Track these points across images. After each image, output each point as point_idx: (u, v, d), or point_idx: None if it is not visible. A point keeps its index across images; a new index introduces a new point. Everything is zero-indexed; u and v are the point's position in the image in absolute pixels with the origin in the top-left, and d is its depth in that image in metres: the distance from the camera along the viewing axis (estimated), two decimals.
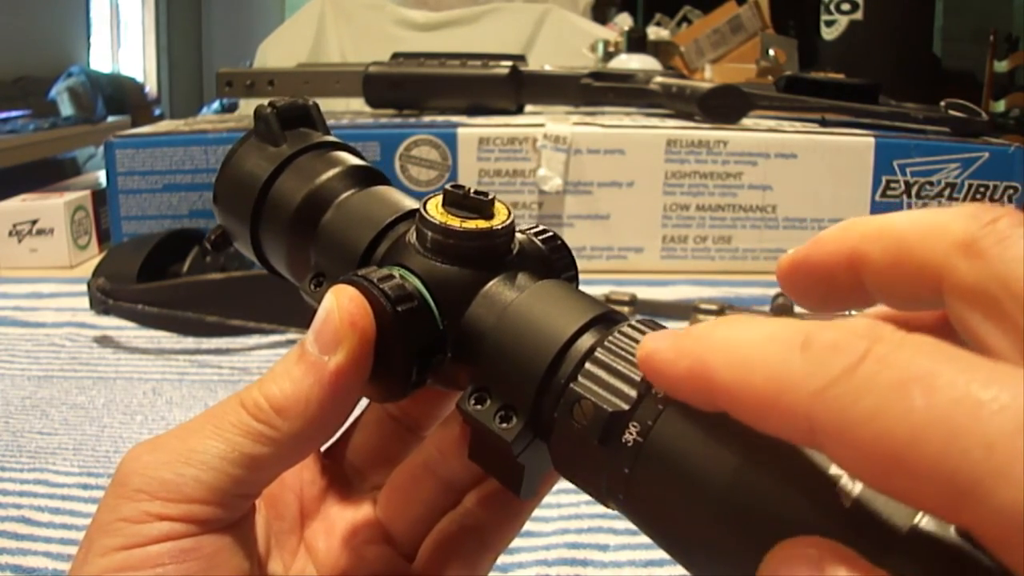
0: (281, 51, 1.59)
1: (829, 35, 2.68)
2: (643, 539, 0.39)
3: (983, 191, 0.77)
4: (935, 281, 0.15)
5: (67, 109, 3.68)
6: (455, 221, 0.21)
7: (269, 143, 0.26)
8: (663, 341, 0.16)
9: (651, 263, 0.80)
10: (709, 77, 1.52)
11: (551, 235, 0.23)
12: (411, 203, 0.24)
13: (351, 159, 0.26)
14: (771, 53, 1.54)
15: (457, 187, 0.22)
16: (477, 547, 0.24)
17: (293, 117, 0.26)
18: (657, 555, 0.38)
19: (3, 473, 0.45)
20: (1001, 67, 2.93)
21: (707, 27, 1.71)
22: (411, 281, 0.21)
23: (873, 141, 0.77)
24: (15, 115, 3.31)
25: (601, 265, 0.80)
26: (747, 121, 0.82)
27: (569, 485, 0.24)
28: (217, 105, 2.92)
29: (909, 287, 0.16)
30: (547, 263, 0.23)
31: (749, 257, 0.80)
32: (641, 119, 0.84)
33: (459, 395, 0.24)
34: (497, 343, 0.20)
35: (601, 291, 0.65)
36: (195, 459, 0.20)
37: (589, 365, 0.19)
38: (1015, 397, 0.12)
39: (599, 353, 0.19)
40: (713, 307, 0.58)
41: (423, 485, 0.24)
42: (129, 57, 4.77)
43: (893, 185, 0.78)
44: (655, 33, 1.54)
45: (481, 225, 0.21)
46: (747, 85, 0.87)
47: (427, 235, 0.22)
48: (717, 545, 0.17)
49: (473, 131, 0.79)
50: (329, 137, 0.27)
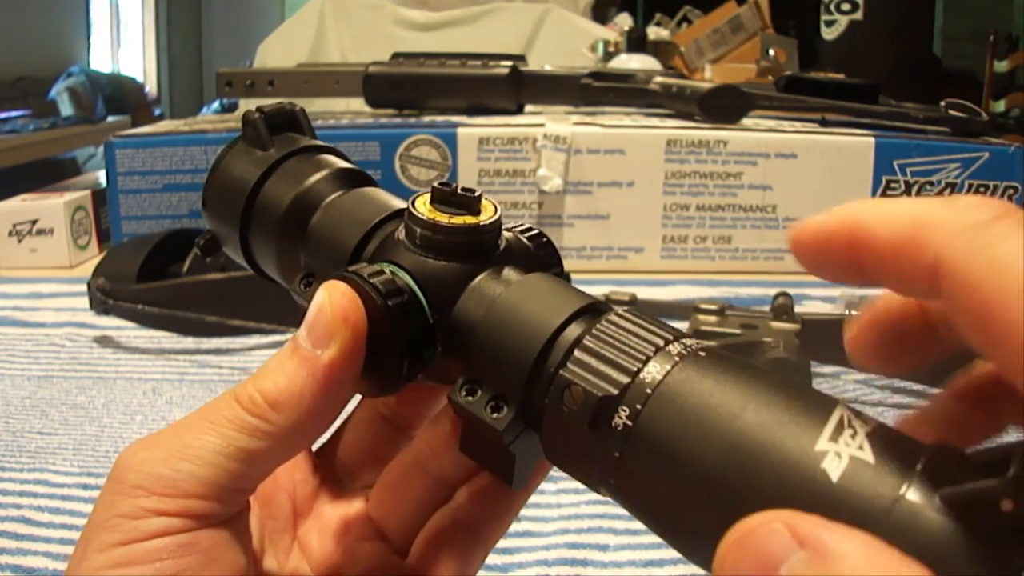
0: (281, 51, 1.59)
1: (829, 35, 2.68)
2: (643, 539, 0.39)
3: (983, 191, 0.77)
4: (932, 264, 0.16)
5: (67, 109, 3.68)
6: (443, 217, 0.22)
7: (257, 147, 0.26)
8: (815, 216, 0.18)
9: (651, 263, 0.80)
10: (709, 77, 1.52)
11: (537, 232, 0.24)
12: (398, 203, 0.25)
13: (338, 162, 0.26)
14: (771, 53, 1.54)
15: (444, 184, 0.22)
16: (469, 541, 0.24)
17: (280, 122, 0.27)
18: (657, 555, 0.38)
19: (3, 473, 0.45)
20: (1001, 67, 2.93)
21: (707, 27, 1.71)
22: (401, 276, 0.22)
23: (873, 141, 0.77)
24: (15, 115, 3.31)
25: (601, 265, 0.80)
26: (747, 121, 0.82)
27: (569, 485, 0.24)
28: (217, 105, 2.92)
29: (908, 269, 0.16)
30: (533, 260, 0.23)
31: (749, 257, 0.80)
32: (641, 119, 0.84)
33: (448, 392, 0.24)
34: (486, 335, 0.21)
35: (601, 291, 0.65)
36: (191, 454, 0.20)
37: (578, 352, 0.19)
38: None
39: (587, 341, 0.19)
40: (713, 307, 0.58)
41: (414, 482, 0.25)
42: (129, 57, 4.77)
43: (893, 185, 0.78)
44: (655, 33, 1.54)
45: (469, 221, 0.22)
46: (747, 85, 0.87)
47: (416, 231, 0.22)
48: (707, 526, 0.17)
49: (473, 131, 0.79)
50: (316, 141, 0.27)
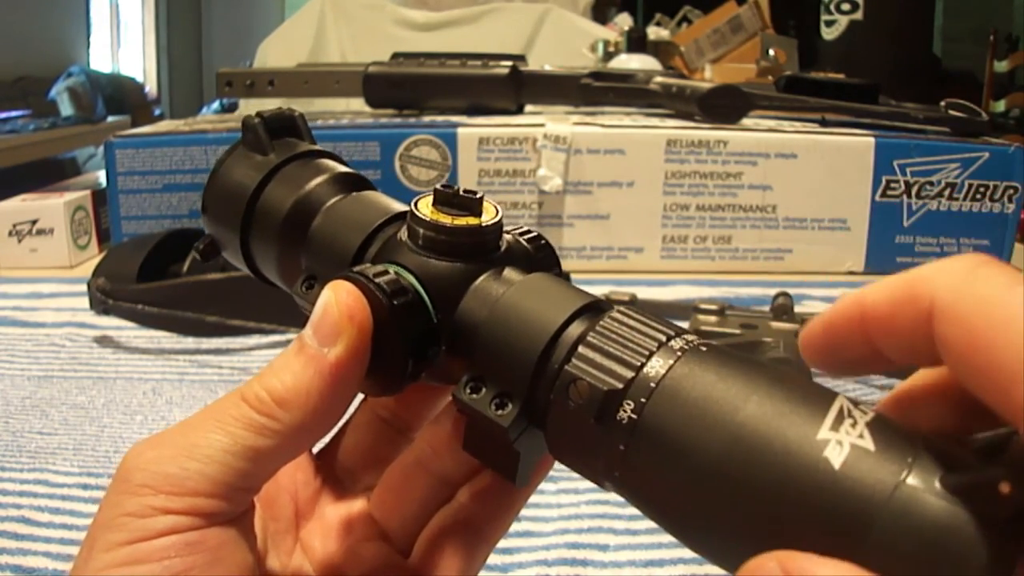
0: (281, 51, 1.59)
1: (829, 35, 2.68)
2: (643, 539, 0.39)
3: (983, 191, 0.77)
4: (929, 312, 0.16)
5: (67, 109, 3.68)
6: (446, 218, 0.22)
7: (257, 152, 0.26)
8: None
9: (651, 263, 0.80)
10: (709, 77, 1.52)
11: (536, 235, 0.24)
12: (399, 206, 0.25)
13: (337, 166, 0.27)
14: (771, 53, 1.54)
15: (447, 186, 0.22)
16: (472, 540, 0.24)
17: (279, 127, 0.27)
18: (657, 555, 0.38)
19: (3, 473, 0.45)
20: (1001, 67, 2.93)
21: (707, 27, 1.71)
22: (405, 276, 0.22)
23: (873, 141, 0.77)
24: (15, 115, 3.31)
25: (601, 265, 0.80)
26: (747, 121, 0.82)
27: (569, 485, 0.24)
28: (217, 105, 2.92)
29: (910, 324, 0.17)
30: (533, 261, 0.24)
31: (749, 257, 0.80)
32: (641, 119, 0.84)
33: (448, 394, 0.24)
34: (490, 334, 0.21)
35: (601, 291, 0.65)
36: (198, 453, 0.20)
37: (582, 349, 0.20)
38: None
39: (591, 337, 0.20)
40: (713, 307, 0.58)
41: (416, 482, 0.25)
42: (129, 57, 4.77)
43: (893, 185, 0.78)
44: (655, 33, 1.54)
45: (471, 222, 0.22)
46: (747, 85, 0.87)
47: (419, 232, 0.22)
48: (711, 517, 0.17)
49: (473, 131, 0.79)
50: (314, 146, 0.27)
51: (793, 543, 0.16)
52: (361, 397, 0.24)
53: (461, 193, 0.22)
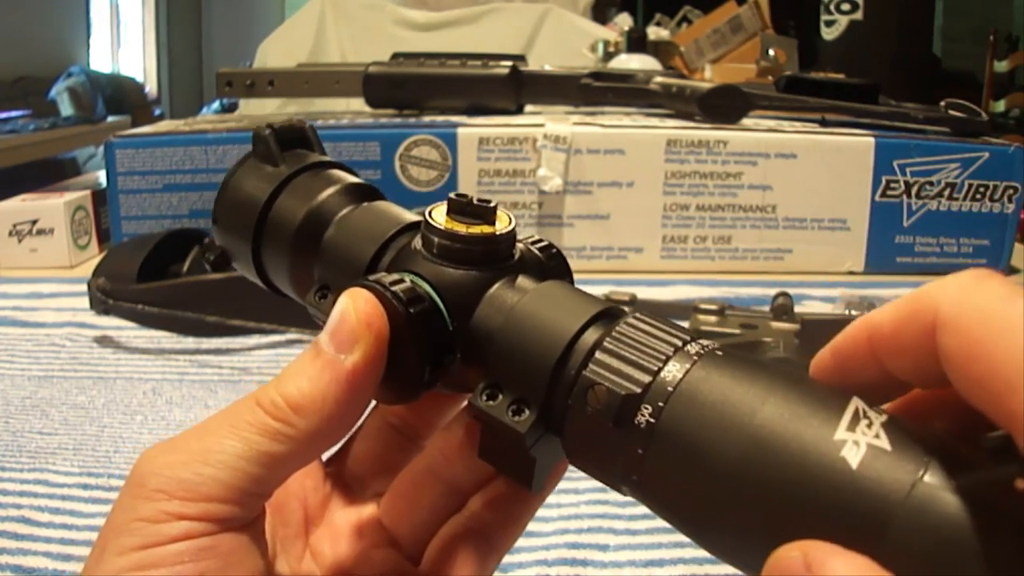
0: (281, 51, 1.59)
1: (829, 35, 2.68)
2: (643, 539, 0.39)
3: (983, 191, 0.77)
4: (932, 327, 0.17)
5: (67, 109, 3.67)
6: (460, 227, 0.22)
7: (268, 163, 0.27)
8: None
9: (651, 263, 0.80)
10: (709, 77, 1.52)
11: (547, 244, 0.24)
12: (410, 216, 0.25)
13: (347, 177, 0.27)
14: (771, 53, 1.54)
15: (461, 195, 0.23)
16: (484, 548, 0.24)
17: (290, 139, 0.27)
18: (657, 555, 0.38)
19: (3, 473, 0.45)
20: (1001, 67, 2.93)
21: (707, 27, 1.71)
22: (421, 285, 0.22)
23: (873, 141, 0.77)
24: (15, 115, 3.31)
25: (601, 265, 0.80)
26: (747, 121, 0.82)
27: (569, 485, 0.24)
28: (217, 105, 2.92)
29: (912, 341, 0.17)
30: (545, 270, 0.24)
31: (749, 257, 0.80)
32: (641, 119, 0.84)
33: (460, 402, 0.25)
34: (506, 341, 0.21)
35: (601, 291, 0.65)
36: (213, 458, 0.20)
37: (599, 354, 0.20)
38: None
39: (608, 343, 0.20)
40: (713, 307, 0.58)
41: (427, 489, 0.25)
42: (129, 57, 4.77)
43: (893, 185, 0.78)
44: (655, 33, 1.54)
45: (485, 230, 0.22)
46: (747, 85, 0.87)
47: (433, 241, 0.23)
48: (729, 518, 0.17)
49: (473, 131, 0.79)
50: (324, 157, 0.28)
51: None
52: (372, 404, 0.24)
53: (475, 202, 0.22)
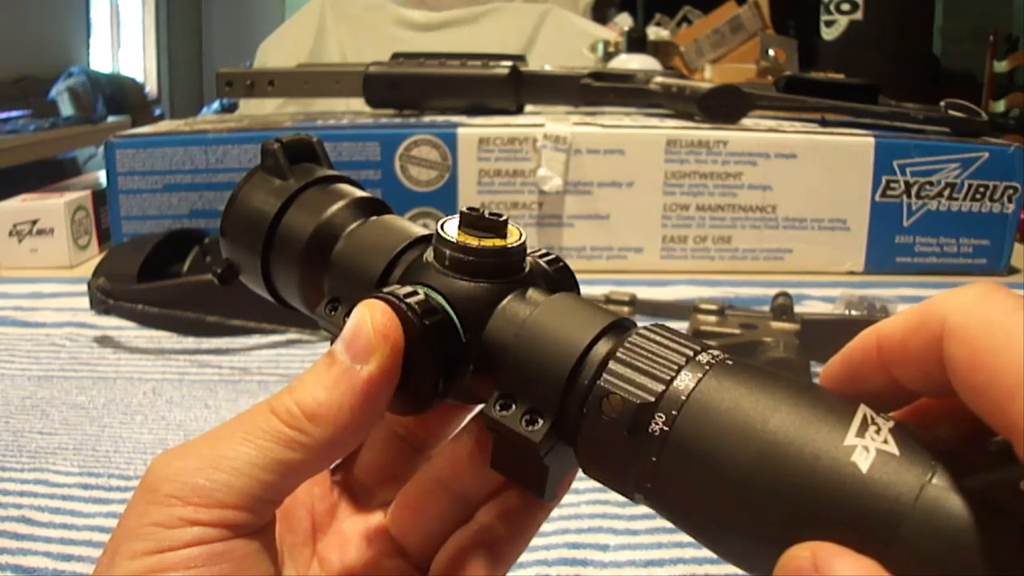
0: (281, 51, 1.59)
1: (829, 35, 2.68)
2: (643, 539, 0.39)
3: (983, 191, 0.77)
4: (939, 336, 0.17)
5: (67, 109, 3.67)
6: (472, 240, 0.23)
7: (277, 177, 0.27)
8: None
9: (651, 263, 0.80)
10: (709, 77, 1.52)
11: (554, 257, 0.25)
12: (419, 230, 0.25)
13: (355, 191, 0.27)
14: (771, 53, 1.54)
15: (472, 209, 0.23)
16: (491, 559, 0.24)
17: (298, 152, 0.27)
18: (657, 555, 0.38)
19: (3, 473, 0.45)
20: (1001, 67, 2.93)
21: (707, 27, 1.71)
22: (434, 297, 0.22)
23: (873, 141, 0.77)
24: (15, 115, 3.31)
25: (601, 265, 0.80)
26: (747, 121, 0.82)
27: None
28: (217, 105, 2.92)
29: (920, 349, 0.18)
30: (553, 283, 0.24)
31: (749, 257, 0.80)
32: (641, 119, 0.84)
33: (466, 413, 0.25)
34: (519, 352, 0.22)
35: (601, 291, 0.65)
36: (226, 465, 0.20)
37: (613, 364, 0.20)
38: None
39: (621, 353, 0.20)
40: (713, 307, 0.58)
41: (435, 500, 0.25)
42: (129, 57, 4.76)
43: (893, 185, 0.78)
44: (655, 33, 1.54)
45: (497, 243, 0.23)
46: (747, 85, 0.87)
47: (445, 253, 0.23)
48: (742, 524, 0.18)
49: (473, 131, 0.79)
50: (331, 171, 0.28)
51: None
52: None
53: (487, 215, 0.23)
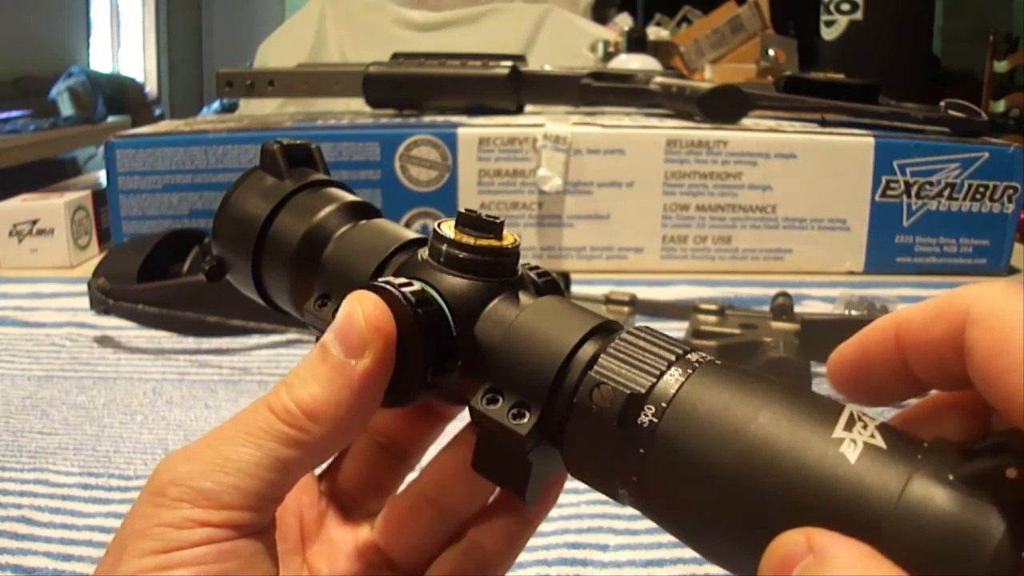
0: (281, 51, 1.59)
1: (829, 35, 2.68)
2: (643, 539, 0.39)
3: (983, 191, 0.77)
4: (962, 324, 0.18)
5: (67, 109, 3.67)
6: (469, 238, 0.23)
7: (275, 176, 0.27)
8: None
9: (651, 263, 0.80)
10: (709, 77, 1.52)
11: (543, 271, 0.25)
12: (410, 234, 0.26)
13: (346, 195, 0.27)
14: (771, 53, 1.54)
15: (470, 211, 0.23)
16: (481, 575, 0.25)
17: (296, 156, 0.28)
18: (657, 555, 0.38)
19: (3, 473, 0.45)
20: (1001, 67, 2.93)
21: (707, 27, 1.71)
22: (427, 289, 0.22)
23: (873, 141, 0.77)
24: (15, 115, 3.31)
25: (601, 265, 0.80)
26: (747, 121, 0.82)
27: (569, 485, 0.24)
28: (217, 105, 2.92)
29: (941, 335, 0.18)
30: (542, 293, 0.24)
31: (749, 257, 0.80)
32: (641, 119, 0.84)
33: (447, 420, 0.26)
34: (509, 348, 0.22)
35: (601, 291, 0.65)
36: (231, 467, 0.20)
37: (603, 359, 0.20)
38: None
39: (611, 349, 0.21)
40: (713, 307, 0.58)
41: (422, 514, 0.25)
42: (129, 57, 4.76)
43: (893, 185, 0.78)
44: (655, 33, 1.54)
45: (493, 243, 0.23)
46: (747, 85, 0.87)
47: (441, 249, 0.23)
48: (731, 517, 0.18)
49: (473, 131, 0.79)
50: (324, 176, 0.28)
51: None
52: None
53: (484, 217, 0.23)
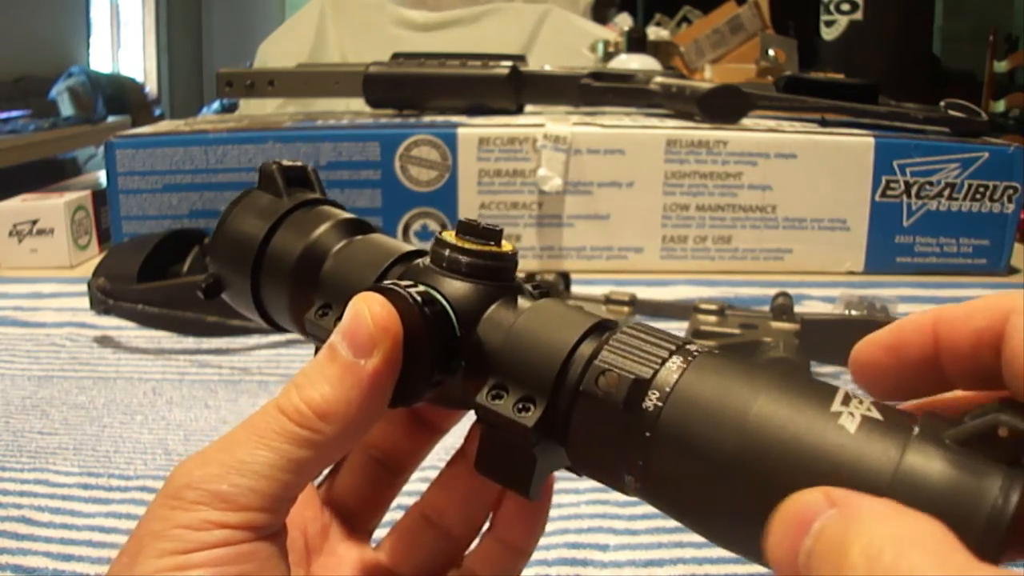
0: (281, 51, 1.59)
1: (829, 35, 2.68)
2: (643, 539, 0.39)
3: (983, 191, 0.77)
4: (1004, 316, 0.18)
5: (67, 109, 3.67)
6: (470, 244, 0.24)
7: (274, 195, 0.28)
8: None
9: (651, 263, 0.80)
10: (709, 77, 1.52)
11: (537, 282, 0.26)
12: (407, 247, 0.26)
13: (341, 213, 0.28)
14: (771, 53, 1.54)
15: (471, 220, 0.24)
16: None
17: (294, 177, 0.28)
18: (657, 555, 0.38)
19: (3, 473, 0.45)
20: (1001, 67, 2.93)
21: (707, 27, 1.71)
22: (431, 291, 0.23)
23: (873, 141, 0.77)
24: (15, 115, 3.31)
25: (601, 265, 0.80)
26: (747, 121, 0.82)
27: (569, 485, 0.24)
28: (217, 105, 2.92)
29: (982, 327, 0.19)
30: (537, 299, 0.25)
31: (749, 257, 0.80)
32: (641, 119, 0.84)
33: (440, 436, 0.27)
34: (512, 347, 0.22)
35: (601, 291, 0.65)
36: (246, 469, 0.20)
37: (606, 352, 0.21)
38: None
39: (613, 342, 0.21)
40: (713, 307, 0.58)
41: (424, 535, 0.26)
42: (129, 57, 4.76)
43: (893, 185, 0.78)
44: (655, 33, 1.54)
45: (493, 248, 0.24)
46: (747, 85, 0.87)
47: (443, 255, 0.24)
48: (740, 499, 0.18)
49: (473, 131, 0.79)
50: (317, 195, 0.29)
51: None
52: None
53: (484, 226, 0.24)
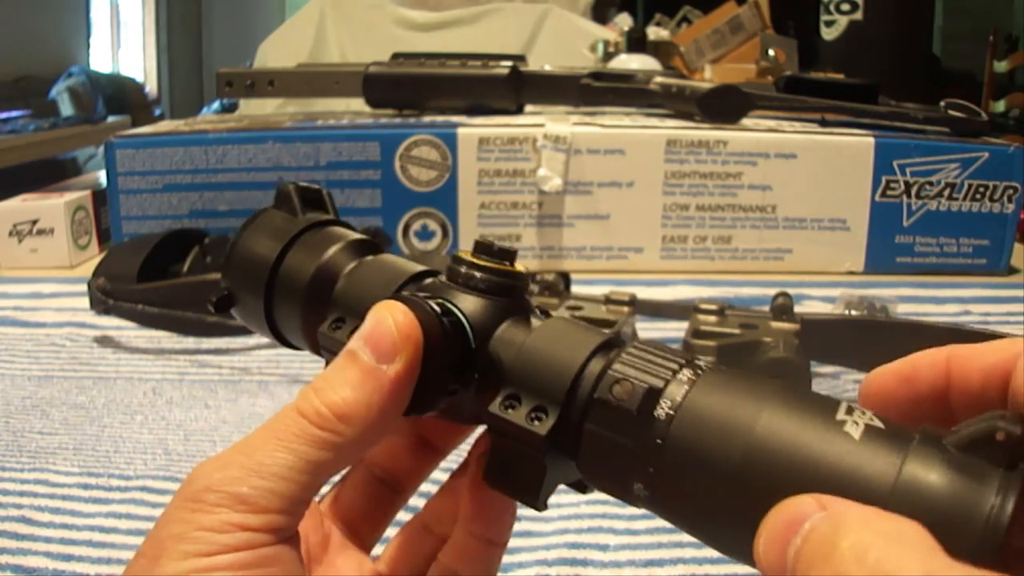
0: (281, 51, 1.59)
1: (829, 35, 2.68)
2: (643, 539, 0.39)
3: (983, 191, 0.77)
4: (1014, 358, 0.20)
5: (67, 109, 3.67)
6: (486, 262, 0.25)
7: (288, 213, 0.28)
8: None
9: (651, 263, 0.80)
10: (709, 77, 1.52)
11: (545, 308, 0.27)
12: (419, 267, 0.27)
13: (352, 233, 0.28)
14: (771, 53, 1.54)
15: (487, 240, 0.25)
16: None
17: (309, 198, 0.29)
18: (657, 555, 0.38)
19: (3, 473, 0.45)
20: (1001, 67, 2.93)
21: (707, 27, 1.71)
22: (448, 304, 0.24)
23: (873, 141, 0.77)
24: (15, 115, 3.31)
25: (601, 265, 0.80)
26: (747, 121, 0.82)
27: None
28: (217, 105, 2.92)
29: (992, 364, 0.20)
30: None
31: (749, 257, 0.80)
32: (641, 119, 0.84)
33: (442, 457, 0.28)
34: (525, 359, 0.23)
35: (601, 291, 0.65)
36: (266, 471, 0.20)
37: (618, 364, 0.22)
38: None
39: (624, 356, 0.22)
40: (713, 307, 0.58)
41: (425, 545, 0.27)
42: (129, 57, 4.77)
43: (893, 185, 0.78)
44: (655, 33, 1.54)
45: (508, 268, 0.25)
46: (747, 85, 0.87)
47: (459, 272, 0.25)
48: (751, 506, 0.19)
49: (473, 131, 0.79)
50: (328, 216, 0.29)
51: None
52: None
53: (498, 247, 0.25)
